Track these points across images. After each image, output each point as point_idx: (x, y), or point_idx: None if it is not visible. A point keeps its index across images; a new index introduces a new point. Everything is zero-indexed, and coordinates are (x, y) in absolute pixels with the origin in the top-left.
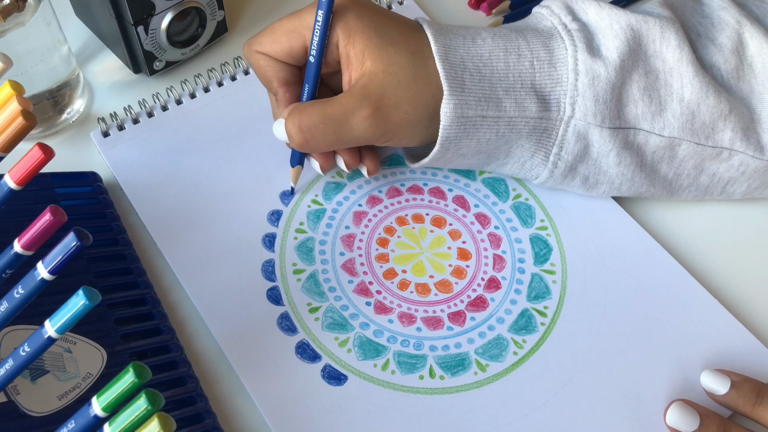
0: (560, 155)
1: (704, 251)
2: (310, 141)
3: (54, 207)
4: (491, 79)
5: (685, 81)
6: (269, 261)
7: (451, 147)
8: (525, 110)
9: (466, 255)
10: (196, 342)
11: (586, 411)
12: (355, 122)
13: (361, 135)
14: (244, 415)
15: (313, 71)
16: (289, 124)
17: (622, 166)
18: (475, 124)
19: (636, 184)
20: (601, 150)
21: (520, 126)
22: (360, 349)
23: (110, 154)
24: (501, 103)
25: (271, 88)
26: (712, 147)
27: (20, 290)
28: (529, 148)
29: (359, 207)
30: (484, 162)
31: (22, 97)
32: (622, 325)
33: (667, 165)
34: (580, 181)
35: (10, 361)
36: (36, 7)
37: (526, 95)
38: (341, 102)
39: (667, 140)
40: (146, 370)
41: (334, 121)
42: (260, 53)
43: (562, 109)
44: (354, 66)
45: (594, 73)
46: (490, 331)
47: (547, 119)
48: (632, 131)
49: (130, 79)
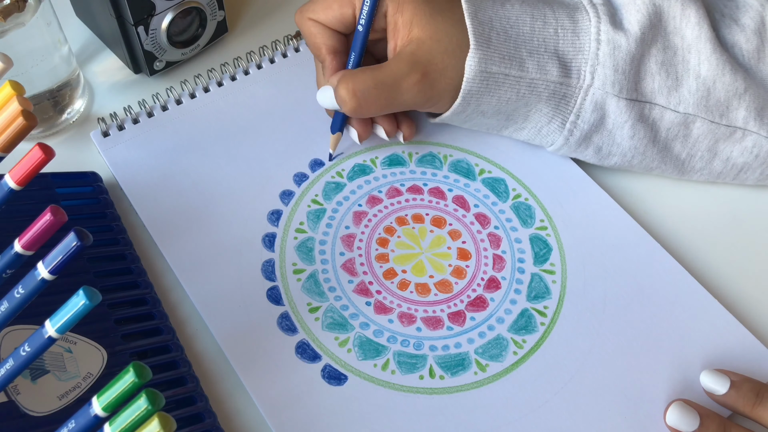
0: (576, 123)
1: (704, 251)
2: (363, 106)
3: (54, 207)
4: (516, 41)
5: (703, 58)
6: (269, 261)
7: (472, 101)
8: (546, 74)
9: (465, 255)
10: (196, 342)
11: (586, 411)
12: (405, 87)
13: (409, 100)
14: (244, 415)
15: (361, 39)
16: (342, 89)
17: (635, 139)
18: (498, 81)
19: (647, 159)
20: (617, 121)
21: (541, 89)
22: (360, 349)
23: (110, 154)
24: (524, 63)
25: (319, 55)
26: (726, 126)
27: (20, 290)
28: (547, 113)
29: (359, 207)
30: (503, 125)
31: (23, 97)
32: (621, 324)
33: (681, 144)
34: (593, 150)
35: (10, 361)
36: (36, 7)
37: (549, 59)
38: (392, 68)
39: (682, 116)
40: (146, 370)
41: (386, 86)
42: (312, 20)
43: (582, 77)
44: (401, 33)
45: (615, 43)
46: (490, 331)
47: (567, 85)
48: (648, 105)
49: (130, 79)
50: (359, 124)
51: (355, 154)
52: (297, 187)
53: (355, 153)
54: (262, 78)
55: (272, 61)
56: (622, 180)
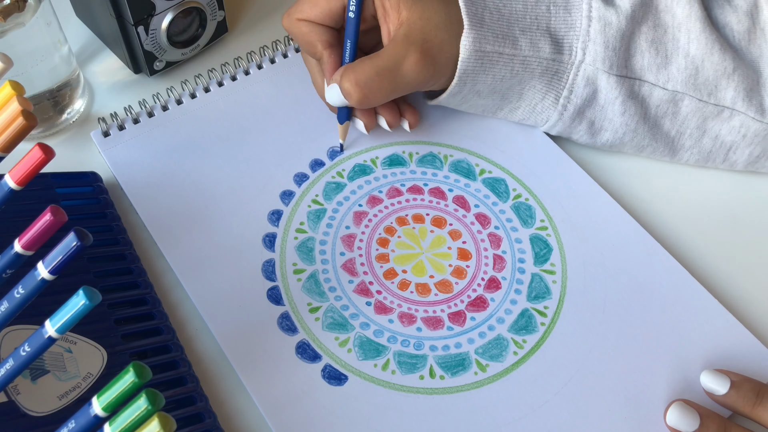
0: (570, 98)
1: (704, 251)
2: (368, 95)
3: (54, 207)
4: (509, 19)
5: (692, 36)
6: (269, 261)
7: (468, 81)
8: (539, 50)
9: (466, 255)
10: (196, 342)
11: (586, 411)
12: (407, 69)
13: (413, 81)
14: (244, 415)
15: (354, 25)
16: (345, 83)
17: (626, 116)
18: (492, 60)
19: (639, 136)
20: (608, 97)
21: (534, 65)
22: (360, 349)
23: (110, 153)
24: (517, 41)
25: (315, 53)
26: (714, 105)
27: (20, 290)
28: (540, 89)
29: (359, 207)
30: (498, 105)
31: (23, 97)
32: (622, 324)
33: (670, 121)
34: (586, 125)
35: (10, 361)
36: (36, 7)
37: (541, 36)
38: (389, 52)
39: (670, 94)
40: (146, 370)
41: (387, 71)
42: (302, 20)
43: (574, 53)
44: (391, 17)
45: (606, 20)
46: (490, 331)
47: (559, 62)
48: (637, 82)
49: (131, 80)
50: (364, 114)
51: (356, 155)
52: (297, 187)
53: (356, 153)
54: (263, 78)
55: (273, 61)
56: (622, 180)
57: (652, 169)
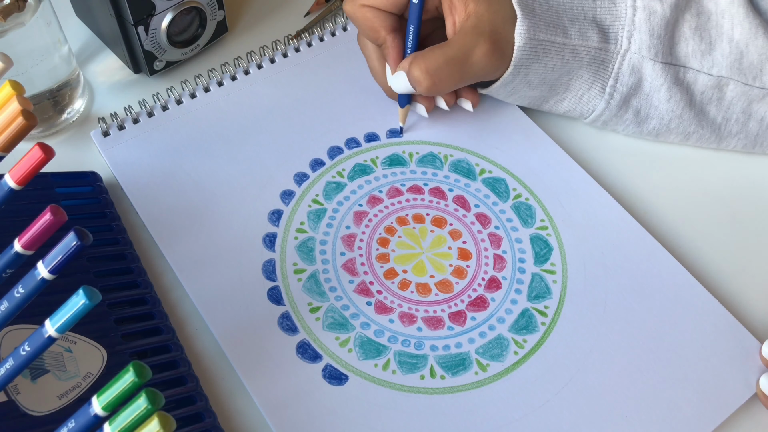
0: (615, 87)
1: (704, 251)
2: (438, 83)
3: (54, 207)
4: (558, 10)
5: (736, 22)
6: (270, 261)
7: (521, 70)
8: (588, 39)
9: (466, 255)
10: (196, 341)
11: (587, 410)
12: (476, 58)
13: (481, 70)
14: (244, 415)
15: (417, 12)
16: (415, 70)
17: (672, 102)
18: (545, 48)
19: (684, 122)
20: (653, 84)
21: (582, 54)
22: (361, 348)
23: (110, 153)
24: (567, 30)
25: (378, 39)
26: (759, 88)
27: (20, 290)
28: (587, 79)
29: (360, 207)
30: (545, 96)
31: (23, 97)
32: (622, 324)
33: (716, 107)
34: (632, 114)
35: (10, 360)
36: (36, 7)
37: (589, 26)
38: (458, 42)
39: (715, 79)
40: (146, 370)
41: (457, 60)
42: (366, 6)
43: (620, 42)
44: (458, 9)
45: (651, 9)
46: (491, 330)
47: (605, 51)
48: (682, 69)
49: (130, 79)
50: (424, 98)
51: (356, 154)
52: (297, 186)
53: (356, 153)
54: (263, 78)
55: (272, 60)
56: (622, 179)
57: (653, 169)
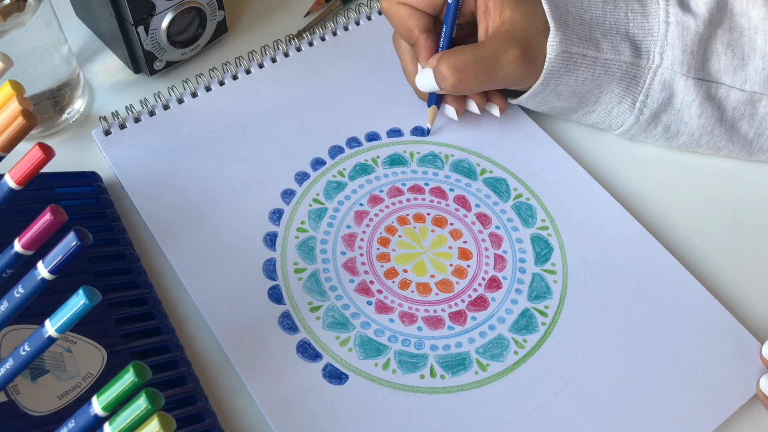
0: (646, 102)
1: (705, 251)
2: (464, 81)
3: (54, 207)
4: (590, 24)
5: None
6: (270, 260)
7: (552, 82)
8: (620, 54)
9: (467, 255)
10: (196, 341)
11: (587, 411)
12: (505, 63)
13: (508, 75)
14: (244, 415)
15: (452, 12)
16: (443, 66)
17: (703, 118)
18: (576, 61)
19: (715, 138)
20: (685, 100)
21: (614, 69)
22: (361, 348)
23: (112, 152)
24: (599, 44)
25: (411, 37)
26: None
27: (20, 290)
28: (618, 93)
29: (360, 206)
30: (574, 108)
31: (23, 97)
32: (622, 324)
33: (748, 123)
34: (662, 129)
35: (10, 360)
36: (36, 7)
37: (621, 40)
38: (490, 44)
39: (748, 95)
40: (146, 370)
41: (486, 61)
42: (402, 4)
43: (652, 58)
44: (492, 15)
45: (684, 24)
46: (491, 330)
47: (637, 66)
48: (714, 85)
49: (131, 79)
50: (454, 100)
51: (356, 154)
52: (298, 186)
53: (357, 152)
54: (264, 77)
55: (274, 60)
56: (623, 179)
57: (653, 169)
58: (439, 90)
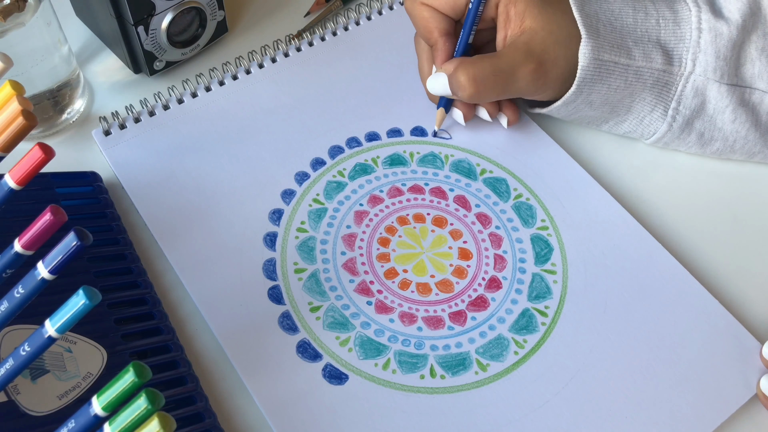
0: (678, 109)
1: (705, 251)
2: (481, 91)
3: (54, 207)
4: (621, 31)
5: None
6: (270, 260)
7: (585, 90)
8: (652, 61)
9: (467, 255)
10: (196, 341)
11: (587, 411)
12: (521, 75)
13: (523, 87)
14: (244, 415)
15: (472, 18)
16: (461, 75)
17: (737, 123)
18: (608, 69)
19: (750, 143)
20: (717, 106)
21: (646, 76)
22: (361, 348)
23: (112, 152)
24: (631, 52)
25: (430, 39)
26: None
27: (20, 290)
28: (650, 101)
29: (360, 206)
30: (605, 117)
31: (23, 97)
32: (622, 324)
33: None
34: (695, 136)
35: (10, 360)
36: (36, 7)
37: (653, 48)
38: (508, 55)
39: None
40: (146, 370)
41: (503, 73)
42: (425, 5)
43: (684, 64)
44: (513, 24)
45: (717, 30)
46: (491, 330)
47: (669, 73)
48: (748, 90)
49: (131, 80)
50: (465, 105)
51: (356, 154)
52: (298, 186)
53: (357, 152)
54: (264, 77)
55: (274, 60)
56: (623, 179)
57: (653, 169)
58: (453, 96)
